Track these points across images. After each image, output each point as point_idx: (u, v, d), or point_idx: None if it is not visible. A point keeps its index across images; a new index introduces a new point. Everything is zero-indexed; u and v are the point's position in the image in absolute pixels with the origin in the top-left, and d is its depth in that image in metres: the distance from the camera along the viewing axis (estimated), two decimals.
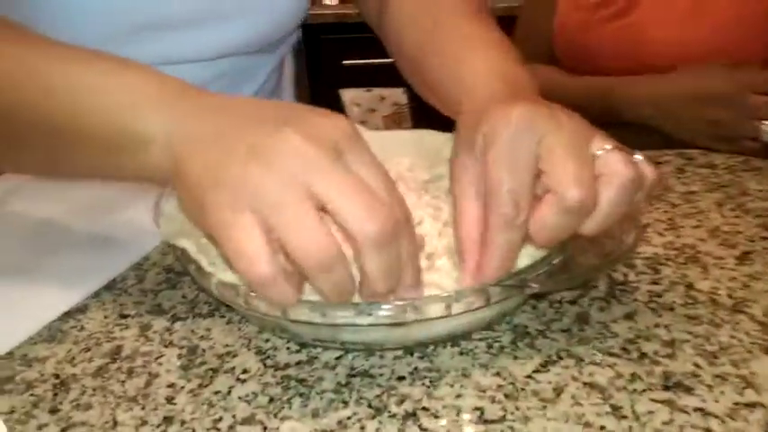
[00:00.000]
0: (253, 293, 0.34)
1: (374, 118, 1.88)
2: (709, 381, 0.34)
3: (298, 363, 0.37)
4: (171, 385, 0.36)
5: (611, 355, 0.36)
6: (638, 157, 0.36)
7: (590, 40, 0.82)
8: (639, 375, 0.35)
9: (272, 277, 0.30)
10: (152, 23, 0.59)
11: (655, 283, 0.43)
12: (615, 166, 0.34)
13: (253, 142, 0.32)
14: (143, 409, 0.34)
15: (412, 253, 0.33)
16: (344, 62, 1.88)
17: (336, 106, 1.93)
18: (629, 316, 0.40)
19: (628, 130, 0.77)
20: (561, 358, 0.36)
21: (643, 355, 0.36)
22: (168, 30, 0.60)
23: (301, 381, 0.36)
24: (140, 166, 0.36)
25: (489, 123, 0.35)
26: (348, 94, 1.86)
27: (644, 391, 0.34)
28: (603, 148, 0.34)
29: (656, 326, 0.39)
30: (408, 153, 0.55)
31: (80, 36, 0.47)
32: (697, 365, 0.35)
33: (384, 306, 0.33)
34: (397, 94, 1.83)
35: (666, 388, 0.34)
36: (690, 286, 0.42)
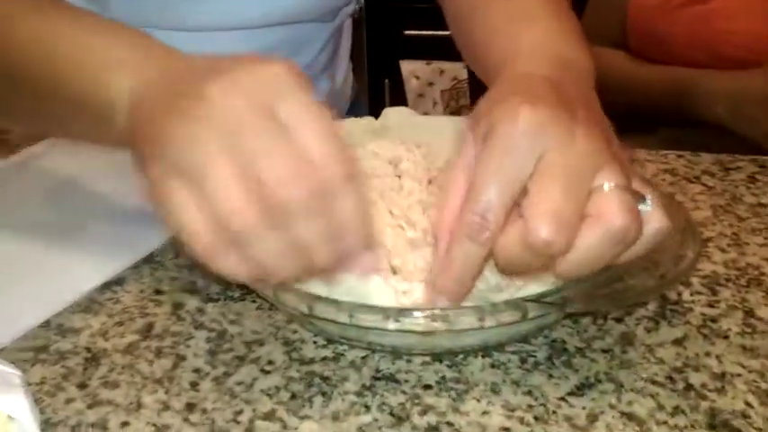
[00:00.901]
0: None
1: (432, 92, 1.85)
2: (760, 423, 0.31)
3: (323, 359, 0.36)
4: (196, 370, 0.36)
5: (655, 383, 0.34)
6: (647, 206, 0.31)
7: (665, 25, 0.77)
8: (683, 409, 0.32)
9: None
10: None
11: (711, 305, 0.40)
12: (607, 208, 0.29)
13: (185, 105, 0.30)
14: (167, 393, 0.35)
15: (354, 211, 0.30)
16: (406, 32, 1.83)
17: (394, 76, 1.90)
18: (678, 341, 0.37)
19: (700, 128, 0.72)
20: (599, 382, 0.34)
21: (689, 387, 0.34)
22: None
23: (325, 378, 0.35)
24: (106, 132, 0.36)
25: (496, 115, 0.31)
26: (408, 66, 1.82)
27: (686, 427, 0.31)
28: (608, 183, 0.29)
29: (707, 355, 0.36)
30: (458, 140, 0.53)
31: None
32: (748, 404, 0.33)
33: (414, 314, 0.31)
34: (457, 69, 1.78)
35: (712, 427, 0.31)
36: (749, 313, 0.39)
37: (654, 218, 0.31)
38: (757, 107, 0.67)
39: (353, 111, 0.84)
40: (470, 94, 1.82)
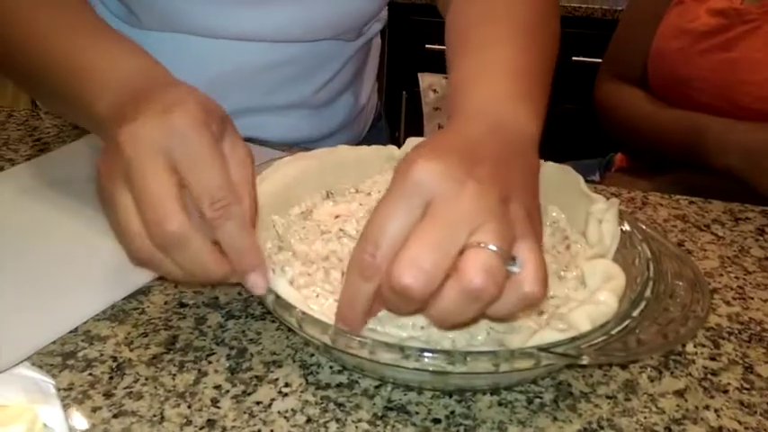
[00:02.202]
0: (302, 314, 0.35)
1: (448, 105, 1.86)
2: None
3: (338, 385, 0.38)
4: (217, 387, 0.38)
5: None
6: (515, 267, 0.31)
7: (686, 71, 0.78)
8: None
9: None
10: None
11: (713, 358, 0.41)
12: (466, 266, 0.30)
13: (121, 136, 0.35)
14: (189, 407, 0.36)
15: (236, 235, 0.35)
16: (427, 46, 1.85)
17: (412, 89, 1.91)
18: (679, 392, 0.38)
19: (712, 174, 0.74)
20: (602, 428, 0.36)
21: None
22: (242, 4, 0.61)
23: (340, 405, 0.37)
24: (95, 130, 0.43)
25: (399, 165, 0.33)
26: (426, 79, 1.84)
27: None
28: (480, 242, 0.30)
29: (707, 408, 0.37)
30: None
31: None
32: None
33: (433, 354, 0.33)
34: None
35: None
36: (749, 368, 0.41)
37: (526, 282, 0.31)
38: None
39: (374, 131, 0.86)
40: None
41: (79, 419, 0.35)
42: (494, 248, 0.30)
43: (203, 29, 0.63)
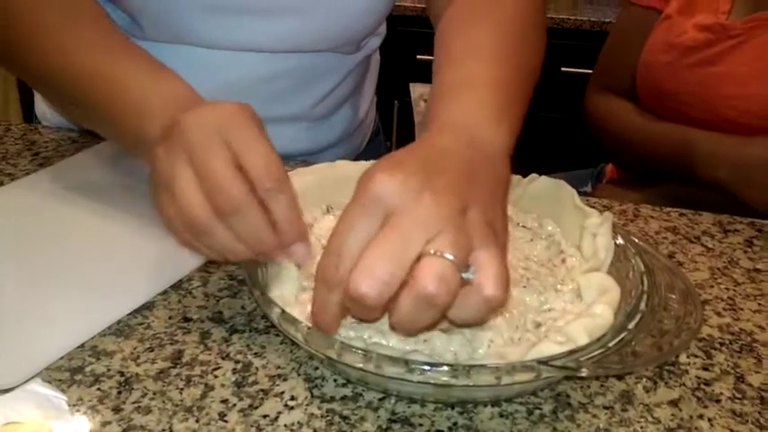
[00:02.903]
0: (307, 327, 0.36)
1: None
2: None
3: (343, 398, 0.39)
4: (224, 401, 0.38)
5: None
6: (469, 274, 0.33)
7: (673, 85, 0.80)
8: None
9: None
10: (227, 6, 0.61)
11: (705, 368, 0.43)
12: (421, 274, 0.32)
13: (166, 134, 0.41)
14: (197, 421, 0.37)
15: (286, 210, 0.39)
16: (418, 56, 1.87)
17: (404, 99, 1.93)
18: (674, 402, 0.40)
19: (701, 186, 0.75)
20: None
21: None
22: (243, 14, 0.62)
23: (345, 418, 0.38)
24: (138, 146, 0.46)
25: (362, 177, 0.35)
26: (417, 89, 1.85)
27: None
28: (436, 251, 0.32)
29: (700, 417, 0.39)
30: None
31: (162, 8, 0.60)
32: None
33: (437, 368, 0.34)
34: None
35: None
36: (740, 378, 0.42)
37: (486, 286, 0.32)
38: (759, 173, 0.69)
39: (372, 145, 0.87)
40: None
41: None
42: (449, 257, 0.32)
43: (205, 40, 0.64)
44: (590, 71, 0.99)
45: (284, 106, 0.71)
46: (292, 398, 0.39)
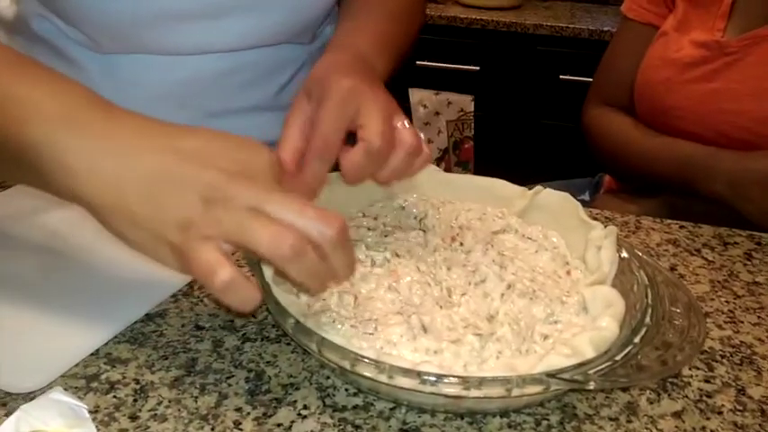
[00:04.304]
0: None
1: (438, 121, 1.89)
2: None
3: (354, 407, 0.40)
4: (238, 409, 0.39)
5: None
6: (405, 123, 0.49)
7: (671, 101, 0.81)
8: None
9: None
10: (173, 14, 0.62)
11: (707, 381, 0.44)
12: (405, 136, 0.48)
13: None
14: (213, 429, 0.38)
15: (344, 265, 0.39)
16: (417, 62, 1.88)
17: (403, 104, 1.94)
18: (677, 414, 0.41)
19: (701, 199, 0.76)
20: None
21: None
22: (190, 20, 0.63)
23: (357, 427, 0.38)
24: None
25: (327, 85, 0.47)
26: (417, 94, 1.87)
27: None
28: (401, 122, 0.48)
29: (703, 429, 0.40)
30: (479, 199, 0.56)
31: (105, 21, 0.60)
32: None
33: (449, 380, 0.35)
34: (465, 102, 1.83)
35: None
36: (741, 390, 0.43)
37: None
38: (757, 188, 0.70)
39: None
40: (475, 127, 1.87)
41: None
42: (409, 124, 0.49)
43: (159, 48, 0.65)
44: (588, 79, 1.01)
45: (247, 97, 0.72)
46: (305, 407, 0.40)
